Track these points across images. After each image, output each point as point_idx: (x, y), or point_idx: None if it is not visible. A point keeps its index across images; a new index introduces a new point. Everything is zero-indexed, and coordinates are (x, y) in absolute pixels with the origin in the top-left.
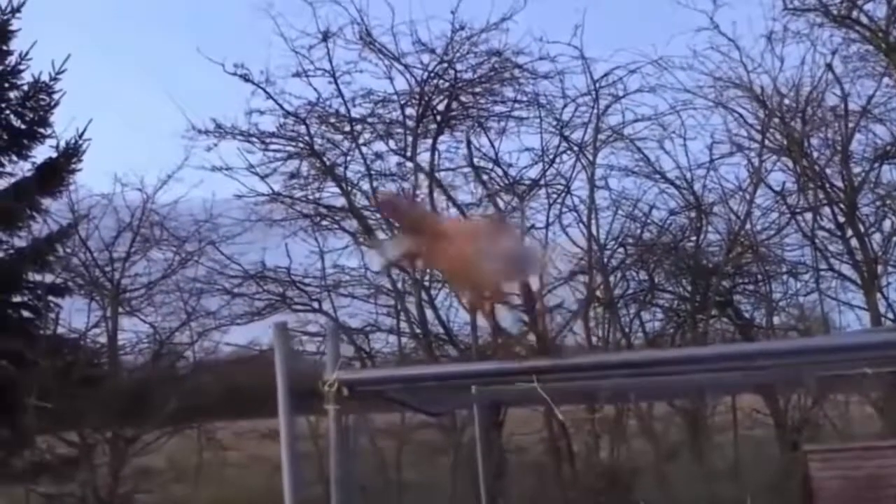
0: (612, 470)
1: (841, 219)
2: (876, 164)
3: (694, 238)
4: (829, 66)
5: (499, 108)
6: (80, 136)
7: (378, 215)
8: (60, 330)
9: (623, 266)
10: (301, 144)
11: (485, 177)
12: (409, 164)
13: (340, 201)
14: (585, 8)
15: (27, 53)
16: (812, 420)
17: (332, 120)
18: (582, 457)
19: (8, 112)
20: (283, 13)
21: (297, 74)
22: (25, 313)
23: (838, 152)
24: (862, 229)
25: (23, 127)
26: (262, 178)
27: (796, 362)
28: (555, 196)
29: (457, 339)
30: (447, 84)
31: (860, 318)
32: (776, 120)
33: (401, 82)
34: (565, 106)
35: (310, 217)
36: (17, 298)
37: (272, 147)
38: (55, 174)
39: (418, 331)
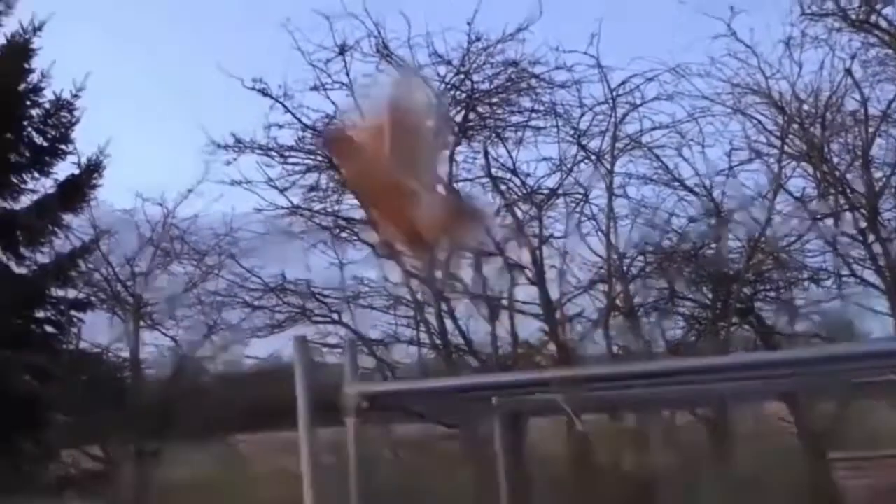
0: (635, 480)
1: (863, 224)
2: None
3: (714, 245)
4: (848, 71)
5: (516, 118)
6: (101, 152)
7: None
8: (83, 345)
9: (643, 274)
10: (320, 157)
11: (503, 187)
12: None
13: (359, 213)
14: (602, 17)
15: (48, 71)
16: (838, 428)
17: None
18: (604, 467)
19: (30, 129)
20: (300, 28)
21: (314, 88)
22: (48, 328)
23: (859, 157)
24: (884, 234)
25: (45, 144)
26: (282, 191)
27: (820, 370)
28: (573, 205)
29: (477, 350)
30: (464, 95)
31: (884, 324)
32: (795, 126)
33: None
34: (583, 115)
35: (329, 229)
36: (40, 314)
37: (291, 160)
38: (77, 190)
39: (438, 342)
